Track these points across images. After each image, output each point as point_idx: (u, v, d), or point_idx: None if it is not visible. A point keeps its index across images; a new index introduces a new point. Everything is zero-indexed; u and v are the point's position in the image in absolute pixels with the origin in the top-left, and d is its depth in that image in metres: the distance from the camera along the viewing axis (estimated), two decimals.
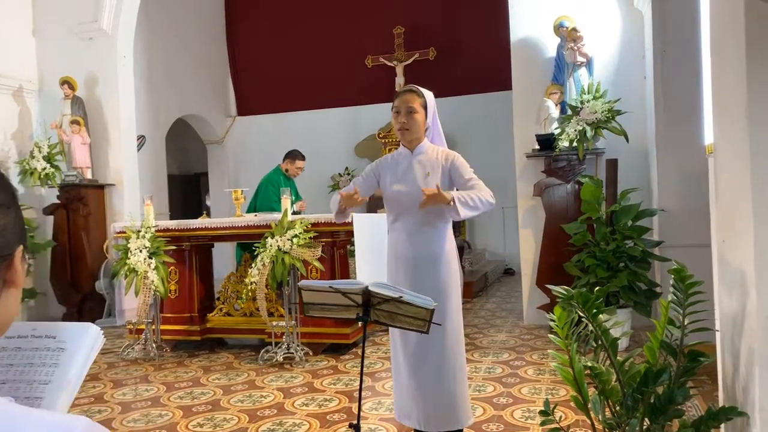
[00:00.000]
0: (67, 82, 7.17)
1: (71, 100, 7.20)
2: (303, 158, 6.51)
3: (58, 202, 7.21)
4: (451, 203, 2.59)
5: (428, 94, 2.91)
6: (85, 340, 1.10)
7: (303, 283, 2.16)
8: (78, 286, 7.17)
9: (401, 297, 2.02)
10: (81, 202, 7.15)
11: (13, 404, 0.73)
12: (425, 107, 2.86)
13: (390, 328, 2.84)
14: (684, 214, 4.95)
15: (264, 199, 6.29)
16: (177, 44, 10.07)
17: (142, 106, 8.60)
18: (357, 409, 2.28)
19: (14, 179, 7.12)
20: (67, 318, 7.09)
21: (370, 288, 2.08)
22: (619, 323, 2.66)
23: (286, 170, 6.45)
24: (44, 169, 6.96)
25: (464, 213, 2.60)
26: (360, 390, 2.28)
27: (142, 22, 8.13)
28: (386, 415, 3.60)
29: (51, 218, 7.30)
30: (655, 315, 5.12)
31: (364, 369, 4.53)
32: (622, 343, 4.82)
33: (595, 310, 2.28)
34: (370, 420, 3.56)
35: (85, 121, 7.20)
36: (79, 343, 1.10)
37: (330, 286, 2.08)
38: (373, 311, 2.16)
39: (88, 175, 7.26)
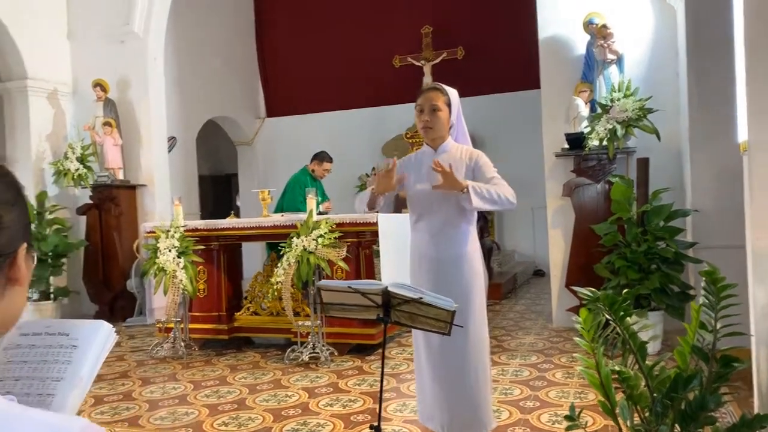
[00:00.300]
0: (99, 85, 7.30)
1: (103, 102, 7.34)
2: (330, 160, 6.52)
3: (90, 202, 7.36)
4: (465, 190, 2.54)
5: (452, 92, 2.87)
6: (97, 338, 1.10)
7: (322, 283, 2.15)
8: (110, 284, 7.30)
9: (421, 298, 1.99)
10: (113, 202, 7.28)
11: (11, 404, 0.72)
12: (449, 105, 2.82)
13: (413, 330, 2.81)
14: (718, 215, 4.81)
15: (291, 199, 6.31)
16: (207, 46, 10.19)
17: (173, 107, 8.72)
18: (378, 411, 2.25)
19: (48, 180, 7.30)
20: (99, 316, 7.22)
21: (390, 289, 2.05)
22: (648, 326, 2.59)
23: (313, 171, 6.47)
24: (77, 170, 7.11)
25: (477, 202, 2.55)
26: (381, 391, 2.26)
27: (172, 25, 8.25)
28: (410, 417, 3.57)
29: (84, 218, 7.44)
30: (688, 318, 4.99)
31: (389, 370, 4.53)
32: (654, 347, 4.71)
33: (622, 313, 2.22)
34: (394, 422, 3.53)
35: (117, 122, 7.33)
36: (91, 341, 1.10)
37: (349, 287, 2.06)
38: (393, 312, 2.13)
39: (120, 175, 7.39)
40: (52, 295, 6.85)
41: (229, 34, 10.97)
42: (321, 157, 6.48)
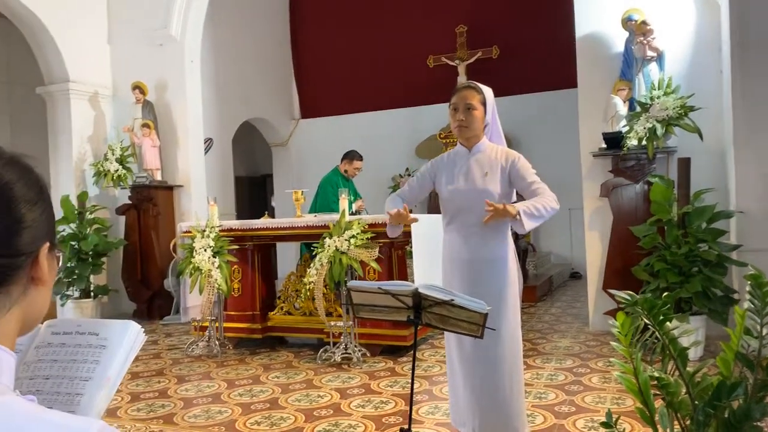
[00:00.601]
0: (138, 87, 7.45)
1: (142, 104, 7.48)
2: (360, 158, 6.52)
3: (129, 202, 7.51)
4: (517, 217, 2.47)
5: (487, 90, 2.81)
6: (125, 339, 1.10)
7: (352, 283, 2.13)
8: (148, 283, 7.44)
9: (452, 300, 1.95)
10: (151, 202, 7.41)
11: (30, 404, 0.72)
12: (484, 104, 2.76)
13: (446, 332, 2.77)
14: (764, 216, 4.64)
15: (323, 200, 6.33)
16: (243, 49, 10.31)
17: (209, 109, 8.84)
18: (409, 413, 2.22)
19: (89, 180, 7.47)
20: (137, 314, 7.37)
21: (420, 290, 2.02)
22: (688, 331, 2.49)
23: (345, 171, 6.48)
24: (117, 170, 7.26)
25: (529, 226, 2.47)
26: (411, 393, 2.23)
27: (209, 29, 8.37)
28: (443, 420, 3.52)
29: (123, 218, 7.60)
30: (731, 323, 4.83)
31: (422, 372, 4.49)
32: (696, 353, 4.57)
33: (661, 317, 2.14)
34: (426, 424, 3.49)
35: (155, 124, 7.46)
36: (119, 342, 1.09)
37: (379, 288, 2.04)
38: (424, 314, 2.10)
39: (158, 176, 7.52)
40: (92, 293, 7.00)
41: (265, 37, 11.08)
42: (351, 156, 6.49)
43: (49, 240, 0.83)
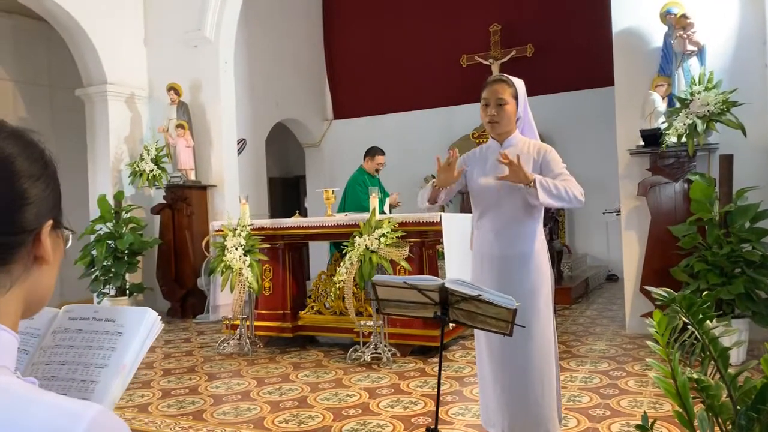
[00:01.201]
0: (173, 89, 7.55)
1: (177, 105, 7.57)
2: (382, 153, 6.49)
3: (164, 202, 7.61)
4: (532, 184, 2.43)
5: (518, 83, 2.74)
6: (142, 326, 1.08)
7: (377, 278, 2.08)
8: (181, 282, 7.52)
9: (480, 295, 1.89)
10: (185, 202, 7.50)
11: (27, 386, 0.69)
12: (516, 97, 2.69)
13: (476, 331, 2.71)
14: None
15: (353, 200, 6.31)
16: (276, 50, 10.38)
17: (242, 110, 8.92)
18: (435, 412, 2.17)
19: (125, 180, 7.60)
20: (171, 313, 7.46)
21: (447, 285, 1.96)
22: (730, 331, 2.38)
23: (377, 170, 6.46)
24: (152, 170, 7.37)
25: (543, 197, 2.43)
26: (438, 390, 2.17)
27: (242, 30, 8.45)
28: (472, 422, 3.45)
29: (158, 217, 7.70)
30: None
31: (453, 373, 4.42)
32: (739, 356, 4.39)
33: (701, 316, 2.04)
34: (456, 425, 3.43)
35: (189, 125, 7.55)
36: (136, 329, 1.07)
37: (405, 282, 1.99)
38: (451, 310, 2.04)
39: (192, 176, 7.60)
40: (127, 291, 7.11)
41: (298, 39, 11.14)
42: (372, 152, 6.50)
43: (53, 217, 0.80)
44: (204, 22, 7.62)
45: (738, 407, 2.08)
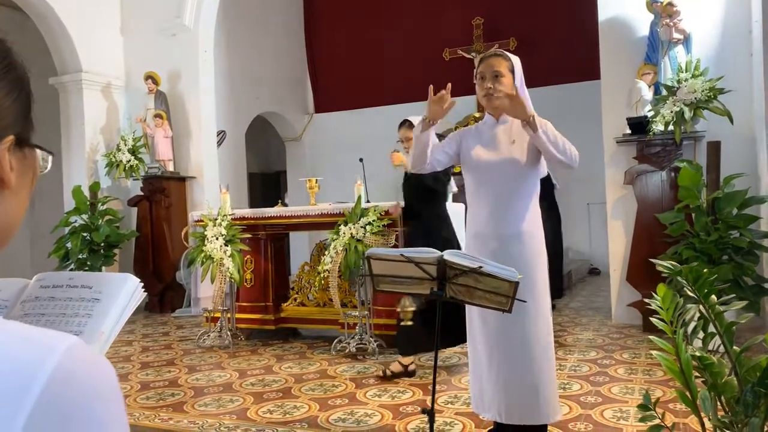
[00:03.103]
0: (151, 77, 7.36)
1: (155, 95, 7.39)
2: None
3: (141, 193, 7.42)
4: (531, 119, 2.38)
5: (515, 58, 2.66)
6: (122, 292, 0.96)
7: (372, 251, 1.98)
8: (160, 275, 7.34)
9: (481, 267, 1.80)
10: (163, 193, 7.32)
11: None
12: (512, 71, 2.61)
13: (466, 309, 2.61)
14: None
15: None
16: (256, 42, 10.21)
17: (222, 102, 8.74)
18: (432, 392, 2.07)
19: (101, 171, 7.39)
20: (149, 307, 7.28)
21: (446, 257, 1.87)
22: (737, 304, 2.32)
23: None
24: (129, 161, 7.18)
25: (540, 138, 2.39)
26: (435, 371, 2.08)
27: (222, 20, 8.28)
28: (462, 410, 3.37)
29: (135, 209, 7.51)
30: (764, 313, 4.63)
31: (441, 363, 4.33)
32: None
33: (707, 290, 1.97)
34: (446, 414, 3.34)
35: (167, 114, 7.37)
36: (115, 295, 0.96)
37: (401, 255, 1.89)
38: (448, 286, 1.94)
39: (170, 167, 7.42)
40: None
41: (278, 31, 10.98)
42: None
43: (16, 133, 0.66)
44: (183, 9, 7.44)
45: (743, 385, 2.02)
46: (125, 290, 0.97)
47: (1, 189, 0.66)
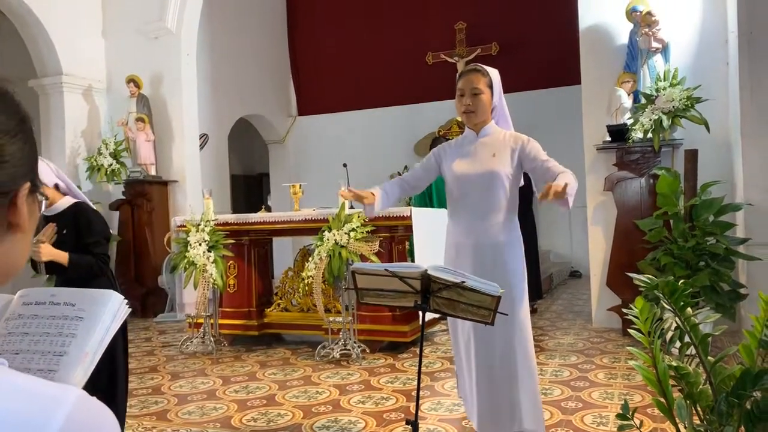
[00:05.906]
0: (132, 81, 7.31)
1: (137, 98, 7.34)
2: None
3: (123, 198, 7.36)
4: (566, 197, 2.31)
5: (493, 73, 2.71)
6: (106, 310, 0.97)
7: (357, 265, 2.01)
8: (142, 280, 7.30)
9: (464, 282, 1.84)
10: (145, 198, 7.27)
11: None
12: (491, 86, 2.66)
13: (450, 323, 2.65)
14: None
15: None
16: (239, 45, 10.18)
17: (205, 104, 8.71)
18: (416, 401, 2.10)
19: (82, 175, 7.33)
20: (130, 312, 7.21)
21: (430, 272, 1.90)
22: (710, 317, 2.38)
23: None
24: (110, 165, 7.13)
25: (571, 203, 2.33)
26: (418, 383, 2.11)
27: (205, 23, 8.24)
28: (445, 416, 3.41)
29: (116, 213, 7.45)
30: (739, 318, 4.73)
31: (424, 369, 4.37)
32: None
33: (682, 303, 2.03)
34: (429, 420, 3.38)
35: (149, 118, 7.33)
36: (99, 313, 0.97)
37: (386, 269, 1.92)
38: (432, 299, 1.98)
39: (152, 171, 7.38)
40: None
41: (262, 33, 10.96)
42: None
43: (30, 180, 0.71)
44: (165, 12, 7.40)
45: (717, 395, 2.08)
46: (109, 309, 0.98)
47: (16, 233, 0.70)
